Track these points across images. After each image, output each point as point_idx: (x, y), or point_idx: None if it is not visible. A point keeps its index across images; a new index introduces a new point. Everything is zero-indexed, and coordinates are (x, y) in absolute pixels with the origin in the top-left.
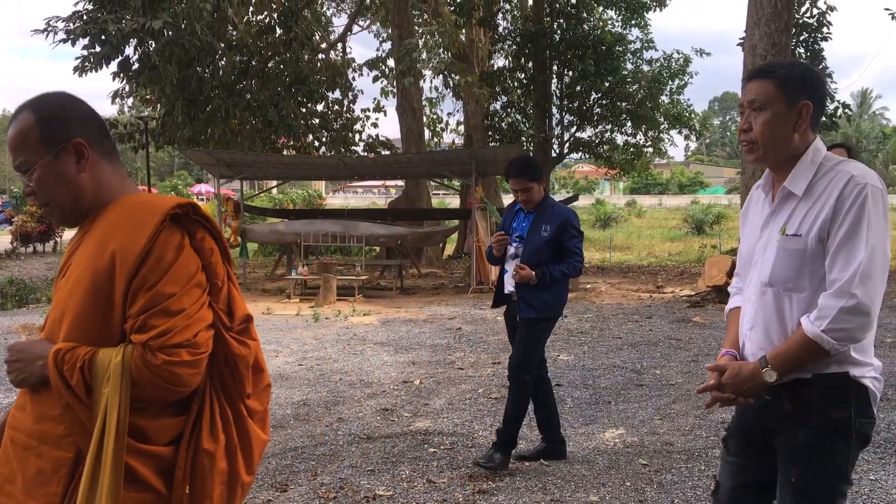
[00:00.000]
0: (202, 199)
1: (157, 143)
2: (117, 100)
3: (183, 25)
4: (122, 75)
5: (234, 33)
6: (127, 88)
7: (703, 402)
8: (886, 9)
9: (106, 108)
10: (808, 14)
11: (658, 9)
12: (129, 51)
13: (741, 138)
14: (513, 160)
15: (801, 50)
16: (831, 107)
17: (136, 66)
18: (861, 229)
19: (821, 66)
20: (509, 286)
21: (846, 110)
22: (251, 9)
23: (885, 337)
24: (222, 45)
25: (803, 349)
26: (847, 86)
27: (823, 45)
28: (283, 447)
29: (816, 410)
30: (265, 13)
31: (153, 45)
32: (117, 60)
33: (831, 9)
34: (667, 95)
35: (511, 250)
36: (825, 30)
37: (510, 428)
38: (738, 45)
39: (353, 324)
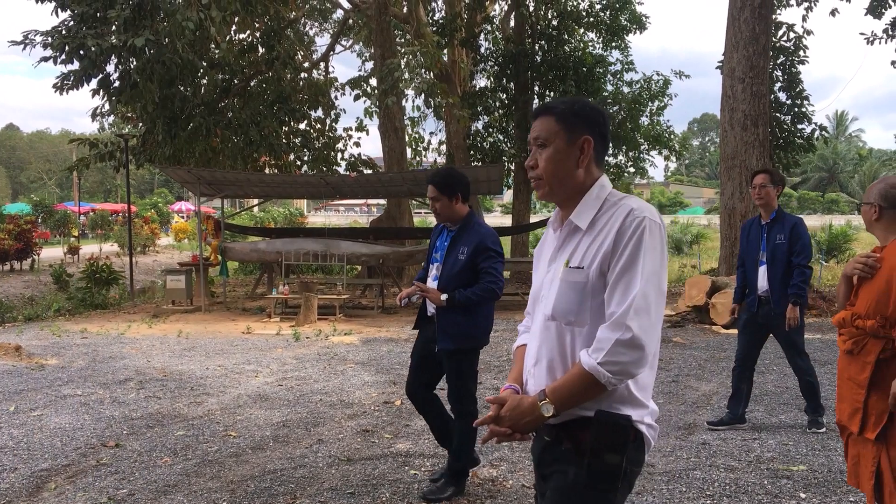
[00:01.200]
0: (182, 217)
1: (138, 161)
2: (98, 117)
3: (165, 43)
4: (102, 93)
5: (217, 52)
6: (107, 106)
7: (681, 424)
8: (861, 33)
9: (86, 126)
10: (785, 38)
11: (638, 31)
12: (109, 68)
13: (529, 175)
14: (439, 169)
15: (779, 73)
16: (808, 129)
17: (116, 83)
18: (638, 263)
19: (797, 89)
20: (431, 308)
21: (823, 132)
22: (234, 27)
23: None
24: (204, 64)
25: (581, 383)
26: (823, 108)
27: (800, 68)
28: (261, 469)
29: (591, 451)
30: (248, 32)
31: (134, 62)
32: (97, 78)
33: (808, 32)
34: (647, 117)
35: (432, 271)
36: (802, 53)
37: (462, 458)
38: (716, 67)
39: (334, 343)
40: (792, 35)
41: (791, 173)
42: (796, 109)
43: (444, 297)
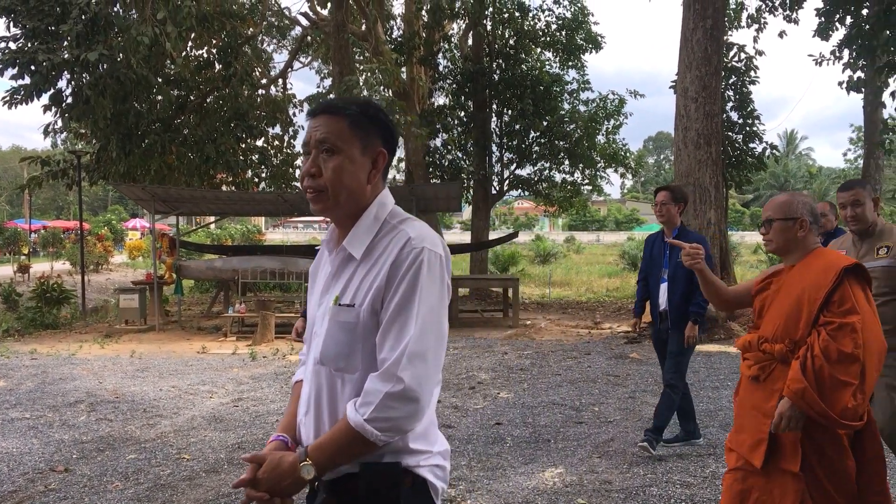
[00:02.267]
0: (137, 234)
1: (92, 178)
2: (50, 133)
3: (119, 58)
4: (53, 108)
5: (172, 67)
6: (60, 122)
7: (638, 441)
8: (810, 55)
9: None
10: (737, 58)
11: (594, 51)
12: (62, 83)
13: (306, 184)
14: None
15: (731, 93)
16: (759, 148)
17: (69, 99)
18: (413, 302)
19: (749, 109)
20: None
21: (774, 151)
22: (190, 43)
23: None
24: (159, 80)
25: (346, 440)
26: (774, 127)
27: (751, 88)
28: (215, 493)
29: None
30: (204, 48)
31: (87, 77)
32: (49, 93)
33: (759, 53)
34: (603, 135)
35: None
36: (752, 74)
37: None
38: (670, 87)
39: (292, 362)
40: (743, 56)
41: (743, 190)
42: (748, 128)
43: None
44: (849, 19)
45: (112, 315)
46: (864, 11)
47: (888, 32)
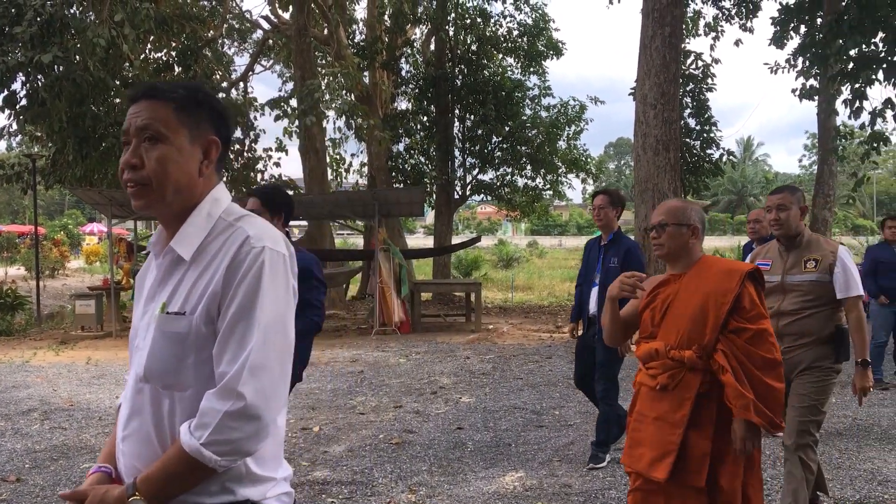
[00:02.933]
0: (95, 239)
1: (47, 182)
2: (4, 136)
3: (75, 61)
4: (7, 111)
5: (130, 70)
6: (14, 125)
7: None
8: (766, 63)
9: None
10: (694, 66)
11: (555, 57)
12: (16, 86)
13: (126, 177)
14: (266, 184)
15: (688, 99)
16: (716, 154)
17: (23, 101)
18: (255, 308)
19: (706, 116)
20: None
21: (731, 157)
22: (148, 46)
23: None
24: (117, 82)
25: (181, 468)
26: (731, 134)
27: (709, 95)
28: None
29: None
30: (164, 51)
31: (42, 80)
32: (2, 95)
33: (716, 61)
34: (564, 140)
35: None
36: (710, 81)
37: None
38: (629, 94)
39: None
40: (700, 63)
41: (702, 196)
42: (705, 135)
43: None
44: (803, 28)
45: (68, 321)
46: (818, 21)
47: (840, 41)
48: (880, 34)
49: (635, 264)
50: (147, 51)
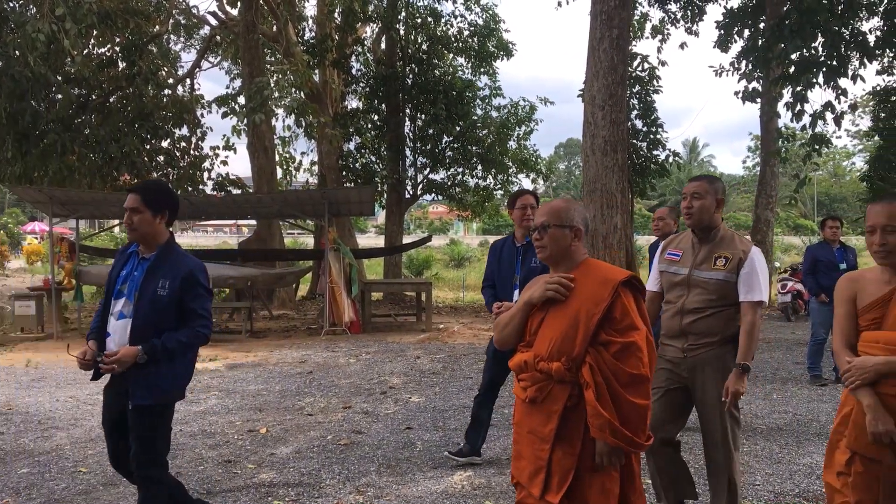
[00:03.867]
0: (36, 239)
1: None
2: None
3: (15, 56)
4: None
5: (72, 66)
6: None
7: None
8: (710, 66)
9: None
10: (641, 68)
11: (505, 58)
12: None
13: None
14: (148, 180)
15: (635, 101)
16: (663, 155)
17: None
18: None
19: (653, 117)
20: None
21: (677, 158)
22: (92, 41)
23: None
24: (59, 78)
25: None
26: (678, 135)
27: (656, 97)
28: None
29: None
30: (107, 46)
31: None
32: None
33: (662, 63)
34: (514, 141)
35: (116, 307)
36: (656, 83)
37: None
38: (578, 95)
39: (198, 370)
40: (647, 66)
41: (649, 196)
42: (652, 136)
43: (141, 352)
44: (746, 32)
45: (7, 323)
46: (761, 25)
47: (782, 45)
48: (820, 38)
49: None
50: (90, 46)
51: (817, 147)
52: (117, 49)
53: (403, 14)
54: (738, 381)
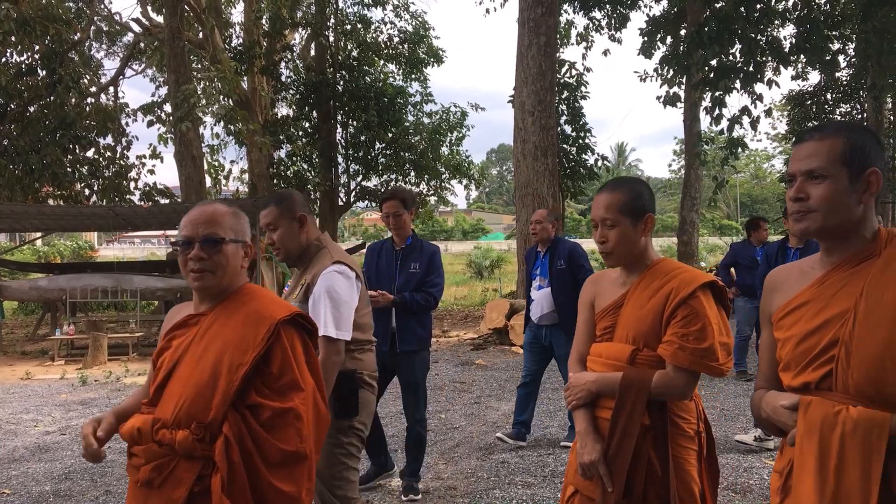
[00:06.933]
0: None
1: None
2: None
3: None
4: None
5: None
6: None
7: (482, 445)
8: (635, 71)
9: None
10: (568, 75)
11: (436, 64)
12: None
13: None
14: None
15: (564, 107)
16: (592, 159)
17: None
18: None
19: (581, 122)
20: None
21: (605, 162)
22: (10, 49)
23: None
24: None
25: None
26: (606, 140)
27: (584, 103)
28: None
29: None
30: (26, 54)
31: None
32: None
33: (588, 70)
34: (447, 146)
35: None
36: (583, 89)
37: None
38: (508, 101)
39: (126, 385)
40: (574, 72)
41: (580, 200)
42: (580, 141)
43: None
44: (669, 39)
45: None
46: (682, 32)
47: (701, 52)
48: (738, 45)
49: (438, 268)
50: (8, 53)
51: (734, 150)
52: (37, 57)
53: (333, 20)
54: None
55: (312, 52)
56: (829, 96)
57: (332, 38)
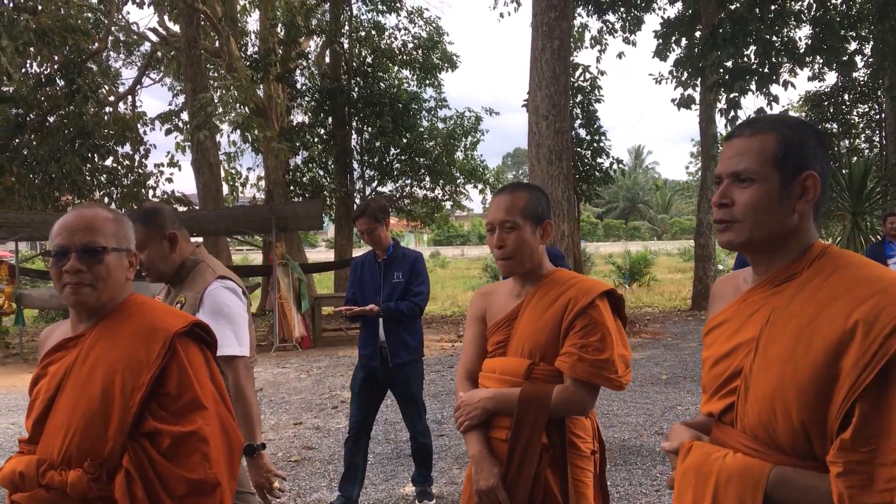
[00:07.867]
0: None
1: None
2: None
3: None
4: None
5: (9, 84)
6: None
7: None
8: (650, 74)
9: None
10: (583, 78)
11: (450, 69)
12: None
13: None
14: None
15: (578, 111)
16: (607, 162)
17: None
18: None
19: (595, 126)
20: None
21: (620, 165)
22: (28, 59)
23: (661, 374)
24: None
25: None
26: (622, 143)
27: (598, 106)
28: None
29: None
30: (45, 64)
31: None
32: None
33: (602, 73)
34: (461, 151)
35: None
36: (597, 92)
37: None
38: (522, 105)
39: None
40: (588, 76)
41: (597, 203)
42: (595, 144)
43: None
44: (684, 41)
45: None
46: (697, 34)
47: (716, 53)
48: (752, 47)
49: (421, 275)
50: (27, 64)
51: None
52: (56, 67)
53: (347, 27)
54: (256, 472)
55: (327, 60)
56: (846, 97)
57: (346, 45)
